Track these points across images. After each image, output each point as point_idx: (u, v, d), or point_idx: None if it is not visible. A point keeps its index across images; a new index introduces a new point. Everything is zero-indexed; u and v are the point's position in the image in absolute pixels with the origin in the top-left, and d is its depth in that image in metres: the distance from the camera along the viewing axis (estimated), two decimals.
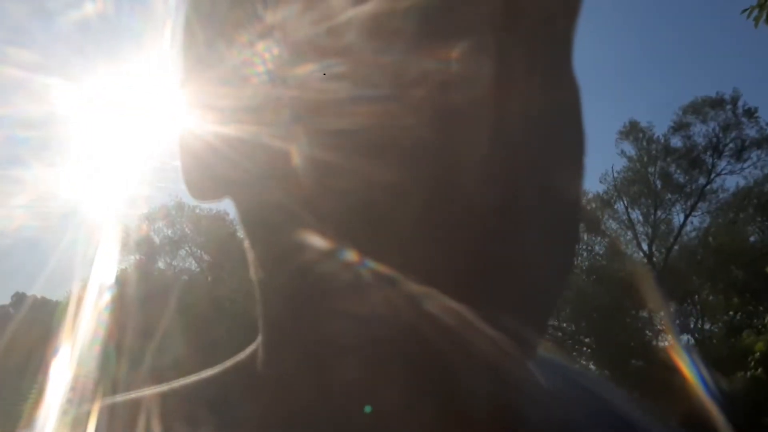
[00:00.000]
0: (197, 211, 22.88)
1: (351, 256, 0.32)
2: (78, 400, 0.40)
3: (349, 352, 0.34)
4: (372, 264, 0.32)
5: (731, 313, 18.61)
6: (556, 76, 0.35)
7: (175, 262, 23.22)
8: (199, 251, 23.09)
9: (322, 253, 0.33)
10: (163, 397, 0.40)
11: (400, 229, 0.32)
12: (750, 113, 19.24)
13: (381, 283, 0.31)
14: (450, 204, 0.31)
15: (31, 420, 0.40)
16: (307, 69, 0.33)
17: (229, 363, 0.42)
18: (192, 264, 23.36)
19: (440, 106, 0.31)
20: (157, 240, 22.45)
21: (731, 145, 19.53)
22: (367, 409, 0.34)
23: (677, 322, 18.75)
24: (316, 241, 0.33)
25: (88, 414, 0.38)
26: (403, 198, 0.31)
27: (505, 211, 0.31)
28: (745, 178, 19.82)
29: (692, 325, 19.73)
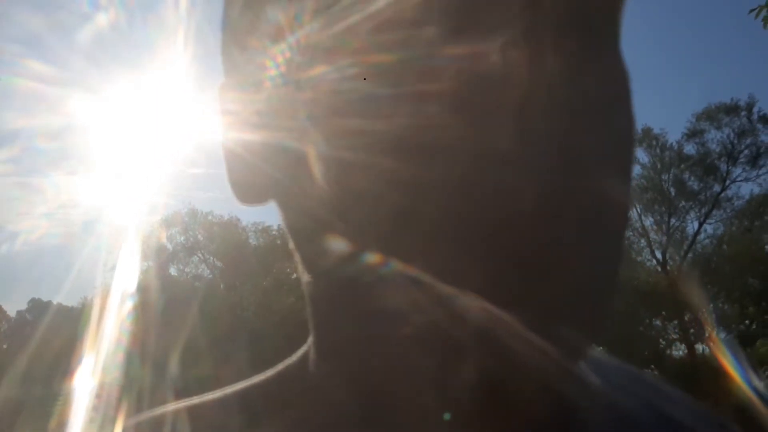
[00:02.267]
0: (210, 218, 22.95)
1: (374, 258, 0.32)
2: (103, 407, 0.40)
3: (381, 354, 0.34)
4: (396, 265, 0.31)
5: (746, 322, 18.41)
6: (597, 65, 0.33)
7: (188, 269, 23.28)
8: (211, 258, 23.13)
9: (347, 256, 0.33)
10: (191, 411, 0.40)
11: (425, 228, 0.31)
12: (766, 119, 19.06)
13: (406, 284, 0.31)
14: (478, 202, 0.30)
15: (58, 426, 0.40)
16: (321, 70, 0.33)
17: (280, 366, 0.42)
18: (205, 270, 23.41)
19: (468, 101, 0.30)
20: (170, 247, 22.53)
21: (746, 152, 19.36)
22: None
23: (692, 331, 18.55)
24: (341, 244, 0.33)
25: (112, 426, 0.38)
26: (427, 197, 0.30)
27: (540, 209, 0.30)
28: (760, 185, 19.63)
29: (707, 334, 19.50)
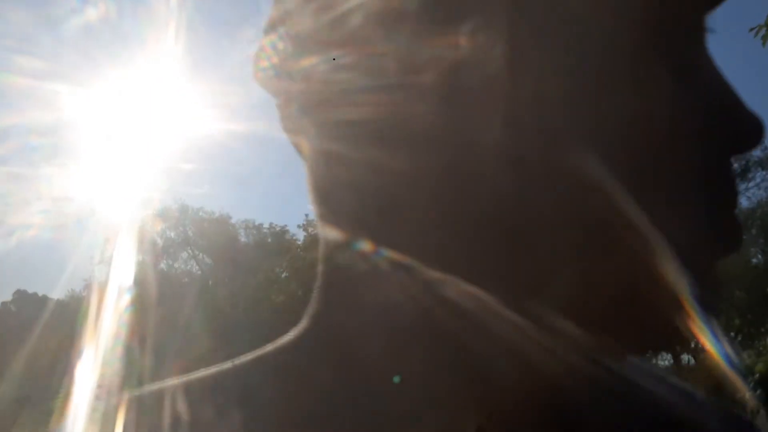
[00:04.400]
0: (201, 213, 22.87)
1: (365, 246, 0.32)
2: (105, 396, 0.40)
3: (371, 340, 0.34)
4: (387, 253, 0.32)
5: (732, 333, 18.48)
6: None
7: (177, 265, 23.19)
8: (201, 254, 23.05)
9: (337, 244, 0.33)
10: (188, 386, 0.40)
11: (413, 216, 0.31)
12: None
13: (397, 271, 0.31)
14: (464, 189, 0.30)
15: (59, 419, 0.40)
16: (313, 61, 0.33)
17: (285, 337, 0.41)
18: (194, 267, 23.32)
19: (451, 89, 0.30)
20: (160, 242, 22.43)
21: (735, 164, 19.40)
22: (396, 379, 0.34)
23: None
24: (331, 232, 0.34)
25: (115, 408, 0.38)
26: (415, 185, 0.31)
27: (521, 195, 0.30)
28: (748, 198, 19.73)
29: (693, 345, 19.54)
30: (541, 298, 0.31)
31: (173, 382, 0.40)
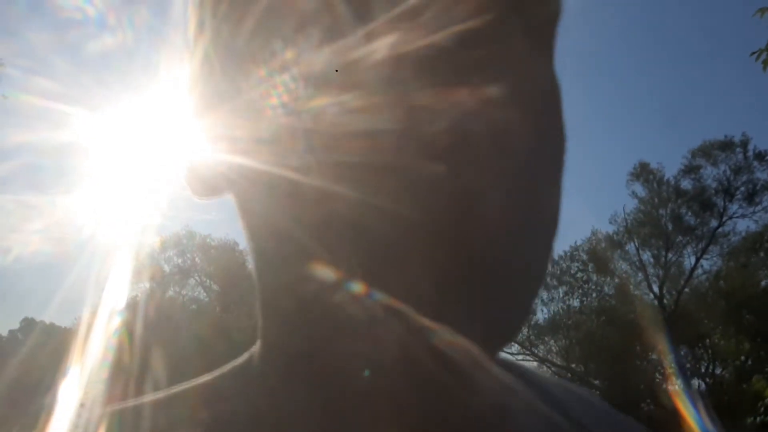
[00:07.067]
0: (208, 240, 22.94)
1: (358, 288, 0.32)
2: (88, 414, 0.40)
3: (351, 382, 0.35)
4: (379, 296, 0.32)
5: (742, 358, 18.35)
6: (545, 82, 0.37)
7: (184, 291, 23.21)
8: (208, 281, 23.08)
9: (328, 284, 0.33)
10: (169, 400, 0.41)
11: (407, 261, 0.32)
12: (761, 156, 19.17)
13: (387, 315, 0.32)
14: (465, 237, 0.32)
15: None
16: (322, 102, 0.34)
17: (226, 368, 0.43)
18: (201, 293, 23.35)
19: (457, 141, 0.32)
20: (167, 268, 22.48)
21: (743, 188, 19.45)
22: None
23: (688, 366, 18.47)
24: (323, 272, 0.34)
25: (96, 421, 0.39)
26: (410, 230, 0.32)
27: (513, 239, 0.32)
28: (756, 222, 19.68)
29: (703, 370, 19.44)
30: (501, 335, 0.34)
31: (153, 396, 0.41)
